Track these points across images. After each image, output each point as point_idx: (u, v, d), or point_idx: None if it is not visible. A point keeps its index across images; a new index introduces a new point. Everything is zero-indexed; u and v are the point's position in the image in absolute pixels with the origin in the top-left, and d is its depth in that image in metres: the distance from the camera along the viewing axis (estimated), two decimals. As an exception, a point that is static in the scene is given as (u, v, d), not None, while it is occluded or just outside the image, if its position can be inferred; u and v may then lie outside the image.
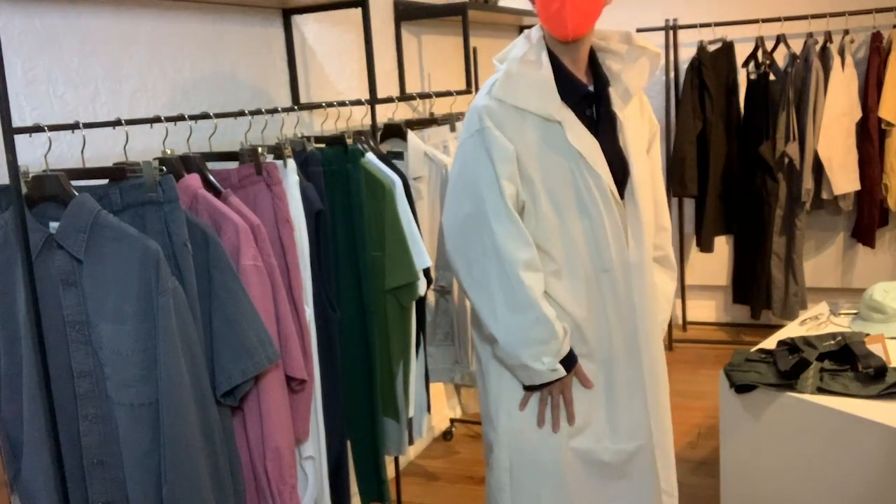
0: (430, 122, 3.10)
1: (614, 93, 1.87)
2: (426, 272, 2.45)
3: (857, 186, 4.13)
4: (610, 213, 1.82)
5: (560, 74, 1.81)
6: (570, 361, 1.84)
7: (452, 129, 3.07)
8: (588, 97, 1.84)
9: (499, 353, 1.85)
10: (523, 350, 1.79)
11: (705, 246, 4.46)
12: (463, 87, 3.72)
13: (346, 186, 2.33)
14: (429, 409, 2.66)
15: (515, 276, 1.77)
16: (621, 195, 1.86)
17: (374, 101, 2.64)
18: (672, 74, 4.51)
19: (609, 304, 1.86)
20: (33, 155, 1.84)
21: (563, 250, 1.84)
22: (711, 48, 4.35)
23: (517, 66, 1.80)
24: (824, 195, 4.17)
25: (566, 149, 1.80)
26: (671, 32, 4.48)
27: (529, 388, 1.87)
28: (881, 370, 2.20)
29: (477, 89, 3.54)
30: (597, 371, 1.89)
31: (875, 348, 2.32)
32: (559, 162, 1.80)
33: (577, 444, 1.89)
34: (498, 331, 1.80)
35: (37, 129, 1.64)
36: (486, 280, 1.80)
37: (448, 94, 3.15)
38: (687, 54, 4.51)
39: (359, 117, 2.95)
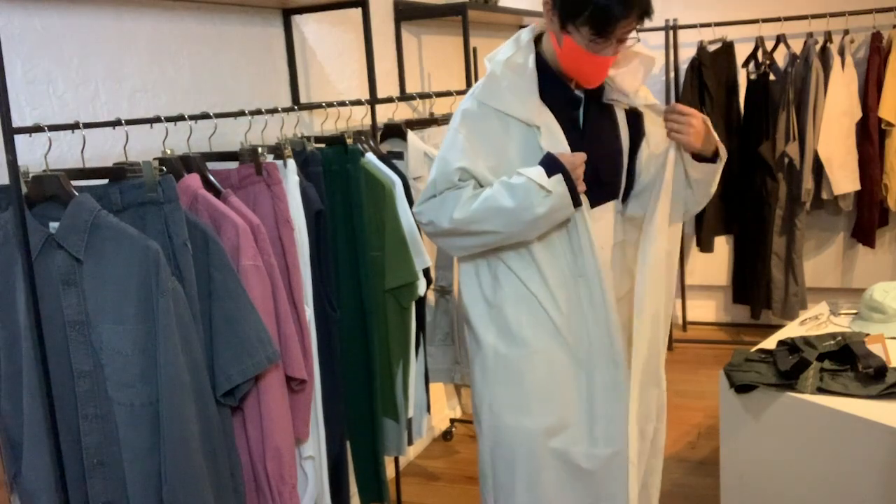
0: (430, 122, 3.10)
1: (609, 96, 1.87)
2: (426, 272, 2.45)
3: (857, 186, 4.13)
4: (583, 219, 1.81)
5: (547, 79, 1.81)
6: (549, 166, 1.75)
7: (452, 129, 3.06)
8: (574, 102, 1.84)
9: (527, 233, 1.79)
10: (524, 216, 1.74)
11: (705, 246, 4.46)
12: (463, 87, 3.72)
13: (346, 186, 2.33)
14: (428, 410, 2.66)
15: (455, 214, 1.78)
16: (597, 201, 1.86)
17: (374, 101, 2.64)
18: (672, 74, 4.50)
19: (586, 308, 1.85)
20: (33, 155, 1.84)
21: (542, 253, 1.84)
22: (711, 48, 4.35)
23: (501, 69, 1.80)
24: (824, 195, 4.16)
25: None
26: (671, 32, 4.48)
27: (575, 202, 1.78)
28: (881, 370, 2.20)
29: (477, 89, 3.53)
30: (577, 372, 1.88)
31: (875, 348, 2.32)
32: None
33: (555, 445, 1.88)
34: (504, 229, 1.77)
35: (37, 129, 1.64)
36: (461, 236, 1.82)
37: (448, 94, 3.15)
38: (687, 54, 4.50)
39: (359, 117, 2.95)
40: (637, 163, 1.96)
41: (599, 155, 1.85)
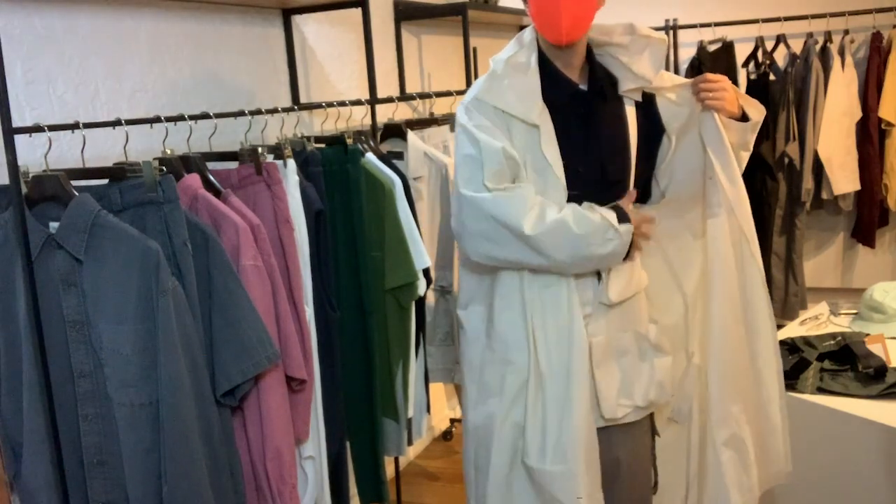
0: (430, 122, 3.10)
1: (627, 87, 1.86)
2: (426, 272, 2.45)
3: (857, 186, 4.13)
4: None
5: (549, 75, 1.81)
6: (621, 215, 1.79)
7: (452, 129, 3.07)
8: (579, 95, 1.83)
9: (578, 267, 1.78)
10: (585, 250, 1.75)
11: (705, 246, 4.45)
12: (463, 87, 3.72)
13: (346, 186, 2.33)
14: (428, 410, 2.66)
15: (527, 229, 1.73)
16: (604, 200, 1.85)
17: (374, 101, 2.64)
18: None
19: (549, 318, 1.81)
20: (33, 155, 1.84)
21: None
22: (711, 48, 4.35)
23: (503, 68, 1.80)
24: (824, 195, 4.17)
25: (539, 156, 1.80)
26: (671, 32, 4.48)
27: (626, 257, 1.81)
28: (881, 370, 2.20)
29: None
30: (526, 382, 1.83)
31: (875, 348, 2.32)
32: (534, 168, 1.80)
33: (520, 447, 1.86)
34: (562, 260, 1.75)
35: (37, 129, 1.64)
36: (514, 247, 1.76)
37: (448, 94, 3.15)
38: (687, 54, 4.50)
39: (359, 117, 2.95)
40: (660, 150, 1.93)
41: (607, 153, 1.84)
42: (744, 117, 1.88)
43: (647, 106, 1.91)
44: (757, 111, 1.89)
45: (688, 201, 1.95)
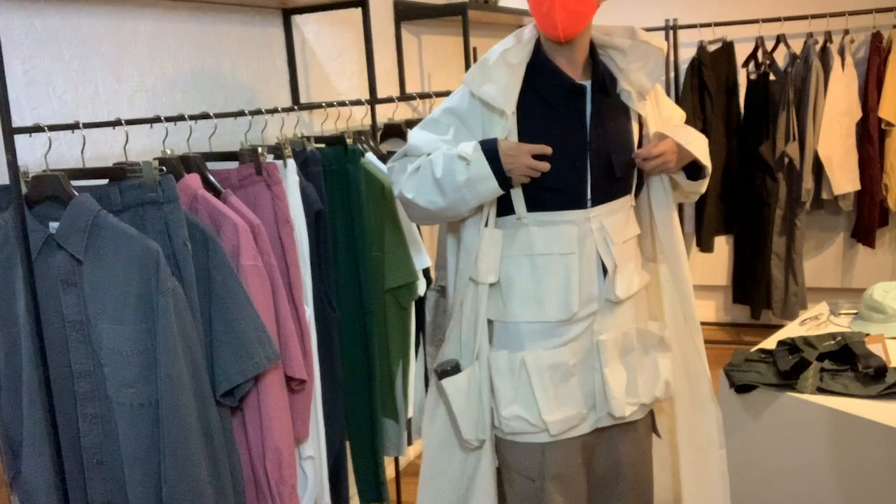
0: (430, 122, 3.10)
1: (628, 89, 1.85)
2: (426, 272, 2.45)
3: (857, 186, 4.13)
4: (478, 234, 1.84)
5: (547, 72, 1.80)
6: (486, 146, 1.76)
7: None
8: (577, 91, 1.82)
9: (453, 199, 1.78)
10: (450, 182, 1.75)
11: (705, 246, 4.46)
12: (463, 87, 3.72)
13: (346, 186, 2.33)
14: (429, 409, 2.66)
15: (407, 194, 1.82)
16: (611, 195, 1.85)
17: (374, 101, 2.64)
18: (672, 74, 4.50)
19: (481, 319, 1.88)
20: (33, 155, 1.84)
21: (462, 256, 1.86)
22: (711, 48, 4.35)
23: (495, 58, 1.81)
24: (824, 195, 4.17)
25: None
26: (671, 32, 4.48)
27: (503, 183, 1.75)
28: (881, 370, 2.20)
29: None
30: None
31: (875, 348, 2.32)
32: None
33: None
34: (446, 205, 1.78)
35: (37, 129, 1.64)
36: (414, 211, 1.85)
37: (448, 94, 3.15)
38: (687, 54, 4.51)
39: (359, 117, 2.95)
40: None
41: (611, 149, 1.82)
42: (695, 166, 1.90)
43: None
44: (701, 148, 1.89)
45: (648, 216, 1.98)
